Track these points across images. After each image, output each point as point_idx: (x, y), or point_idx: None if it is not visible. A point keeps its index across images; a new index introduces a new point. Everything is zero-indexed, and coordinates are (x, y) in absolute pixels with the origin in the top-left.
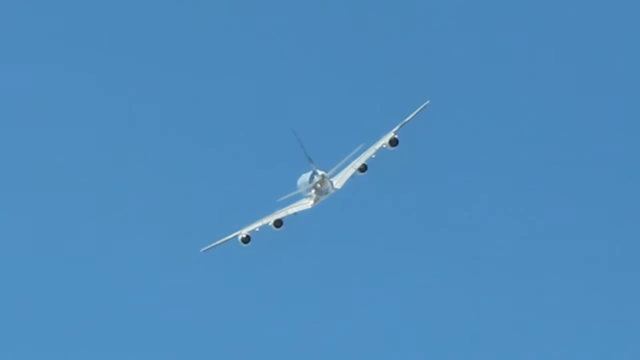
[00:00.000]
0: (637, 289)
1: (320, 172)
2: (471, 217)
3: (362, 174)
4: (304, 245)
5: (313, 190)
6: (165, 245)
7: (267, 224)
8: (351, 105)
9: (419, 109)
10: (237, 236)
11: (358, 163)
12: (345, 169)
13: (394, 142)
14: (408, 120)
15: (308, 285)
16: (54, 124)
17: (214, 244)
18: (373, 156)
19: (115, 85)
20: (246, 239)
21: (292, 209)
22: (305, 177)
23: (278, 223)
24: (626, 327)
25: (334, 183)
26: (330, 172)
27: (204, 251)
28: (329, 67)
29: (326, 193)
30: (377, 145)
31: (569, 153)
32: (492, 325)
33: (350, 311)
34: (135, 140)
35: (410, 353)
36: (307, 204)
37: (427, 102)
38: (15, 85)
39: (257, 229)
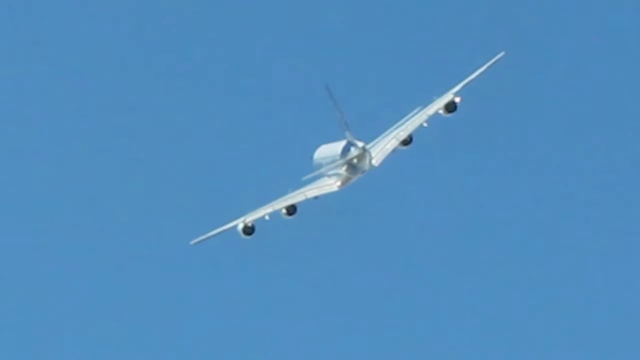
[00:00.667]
0: None
1: (360, 144)
2: (549, 209)
3: (405, 147)
4: (325, 240)
5: (344, 167)
6: (150, 236)
7: (277, 210)
8: (400, 60)
9: (489, 63)
10: (237, 225)
11: (402, 133)
12: (385, 140)
13: (452, 107)
14: (474, 78)
15: (328, 292)
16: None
17: (207, 235)
18: (425, 124)
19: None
20: (249, 230)
21: (311, 192)
22: (335, 148)
23: (291, 209)
24: None
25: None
26: (371, 145)
27: (194, 244)
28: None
29: (362, 172)
30: (431, 110)
31: None
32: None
33: (380, 329)
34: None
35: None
36: (332, 184)
37: (502, 53)
38: None
39: (266, 217)
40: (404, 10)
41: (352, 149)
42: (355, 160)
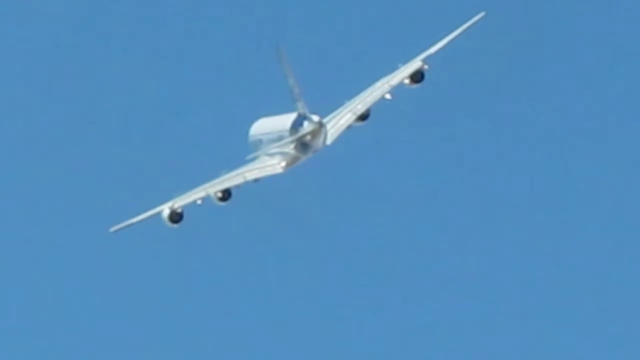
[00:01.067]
0: None
1: (315, 118)
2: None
3: (361, 123)
4: (264, 231)
5: (293, 145)
6: (68, 223)
7: (211, 194)
8: (366, 21)
9: (467, 24)
10: (162, 211)
11: (360, 107)
12: (340, 115)
13: (418, 76)
14: (449, 41)
15: (266, 290)
16: None
17: (129, 222)
18: (388, 97)
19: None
20: (176, 216)
21: (251, 173)
22: (281, 122)
23: (225, 194)
24: None
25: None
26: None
27: (114, 231)
28: None
29: (313, 150)
30: (394, 80)
31: None
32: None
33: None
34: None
35: None
36: (275, 165)
37: (482, 14)
38: None
39: (198, 201)
40: None
41: (305, 123)
42: (308, 137)
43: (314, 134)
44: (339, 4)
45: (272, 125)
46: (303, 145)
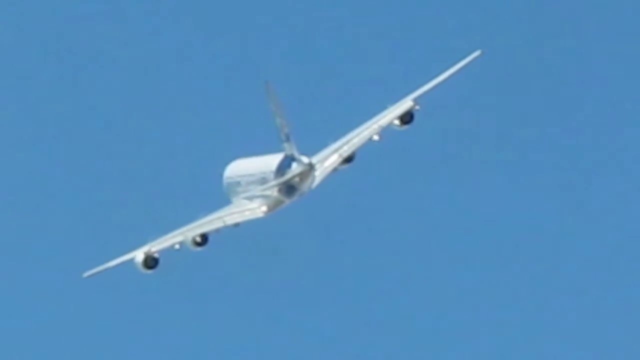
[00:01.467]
0: None
1: (305, 160)
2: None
3: (346, 165)
4: (243, 277)
5: (277, 188)
6: (40, 266)
7: (190, 238)
8: (359, 58)
9: (463, 62)
10: (135, 256)
11: (346, 148)
12: (325, 158)
13: (407, 117)
14: (444, 79)
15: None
16: None
17: (102, 267)
18: (376, 138)
19: None
20: (151, 262)
21: (230, 217)
22: (265, 164)
23: (202, 239)
24: None
25: None
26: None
27: (87, 276)
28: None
29: (299, 194)
30: (384, 120)
31: None
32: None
33: None
34: None
35: None
36: (254, 209)
37: (478, 52)
38: None
39: (175, 246)
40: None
41: (294, 165)
42: (296, 180)
43: (303, 176)
44: (321, 37)
45: (252, 166)
46: (289, 189)
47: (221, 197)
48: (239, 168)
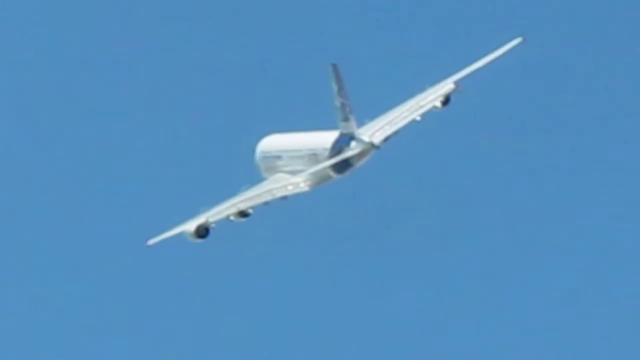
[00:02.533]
0: None
1: (366, 139)
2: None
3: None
4: (288, 249)
5: (331, 165)
6: (107, 235)
7: (238, 209)
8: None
9: (504, 49)
10: (188, 227)
11: (394, 127)
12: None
13: (445, 99)
14: (483, 65)
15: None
16: None
17: (164, 235)
18: (418, 119)
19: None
20: (202, 231)
21: (278, 191)
22: (318, 140)
23: (243, 213)
24: None
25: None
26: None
27: (151, 244)
28: None
29: (350, 172)
30: (425, 101)
31: None
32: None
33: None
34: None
35: None
36: (298, 184)
37: (519, 39)
38: None
39: (231, 217)
40: None
41: (353, 143)
42: (354, 158)
43: (362, 155)
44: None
45: (296, 142)
46: (344, 166)
47: (250, 170)
48: (278, 143)
